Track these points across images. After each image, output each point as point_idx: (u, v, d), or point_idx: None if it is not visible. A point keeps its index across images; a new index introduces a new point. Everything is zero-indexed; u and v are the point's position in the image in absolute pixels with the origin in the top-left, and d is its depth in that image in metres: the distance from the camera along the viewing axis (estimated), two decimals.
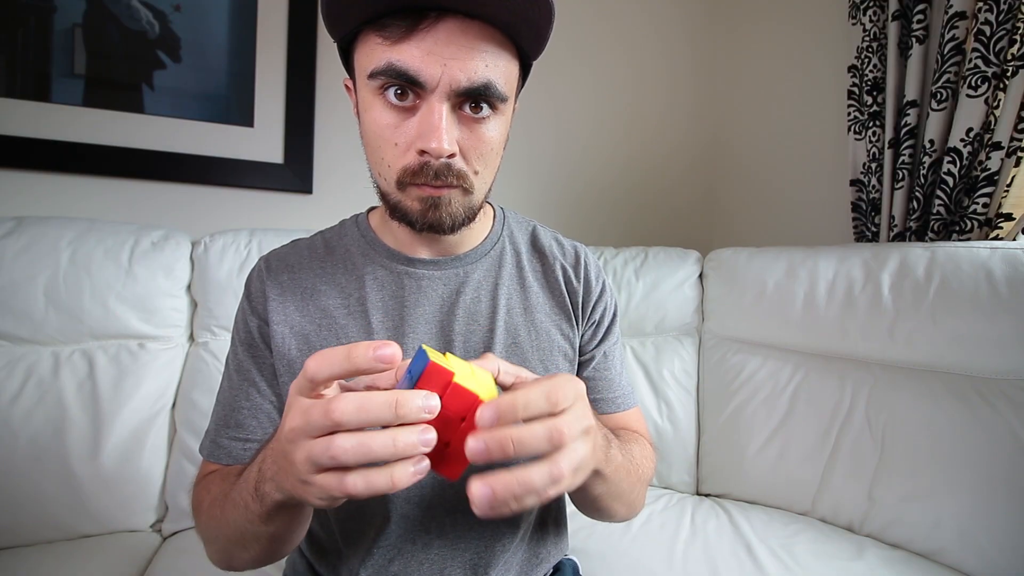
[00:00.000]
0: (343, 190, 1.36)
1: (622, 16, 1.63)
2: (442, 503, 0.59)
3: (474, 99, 0.49)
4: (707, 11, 1.73)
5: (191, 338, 1.10)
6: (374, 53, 0.48)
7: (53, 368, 0.97)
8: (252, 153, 1.28)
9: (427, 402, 0.33)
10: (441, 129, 0.47)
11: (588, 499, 0.54)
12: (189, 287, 1.09)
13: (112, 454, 0.95)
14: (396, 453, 0.33)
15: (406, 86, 0.47)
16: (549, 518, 0.70)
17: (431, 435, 0.34)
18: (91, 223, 1.04)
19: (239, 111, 1.27)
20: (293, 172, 1.31)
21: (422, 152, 0.48)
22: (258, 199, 1.31)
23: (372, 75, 0.48)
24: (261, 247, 1.11)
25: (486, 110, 0.50)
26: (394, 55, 0.46)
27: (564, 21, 1.57)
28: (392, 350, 0.33)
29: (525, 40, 0.51)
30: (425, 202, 0.51)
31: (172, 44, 1.21)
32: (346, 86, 0.57)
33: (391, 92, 0.48)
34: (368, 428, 0.34)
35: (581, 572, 0.77)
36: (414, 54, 0.46)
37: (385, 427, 0.34)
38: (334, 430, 0.33)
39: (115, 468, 0.95)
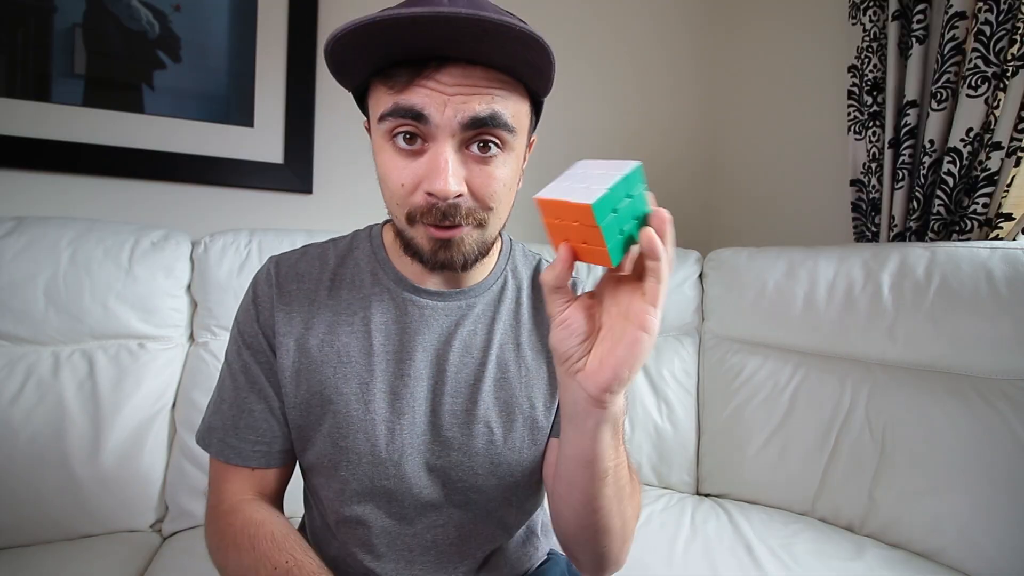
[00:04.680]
0: (343, 190, 1.36)
1: (622, 16, 1.63)
2: (449, 503, 0.60)
3: (481, 134, 0.49)
4: (707, 11, 1.73)
5: (191, 338, 1.10)
6: (381, 100, 0.50)
7: (53, 368, 0.97)
8: (252, 153, 1.28)
9: None
10: (447, 171, 0.48)
11: (595, 469, 0.49)
12: (189, 287, 1.09)
13: (112, 454, 0.95)
14: None
15: (413, 125, 0.48)
16: (536, 527, 0.72)
17: None
18: (91, 223, 1.04)
19: (239, 111, 1.27)
20: (293, 172, 1.31)
21: (429, 193, 0.49)
22: (258, 199, 1.31)
23: (381, 118, 0.49)
24: (261, 247, 1.11)
25: (494, 149, 0.50)
26: (400, 98, 0.48)
27: (564, 21, 1.57)
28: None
29: (529, 80, 0.52)
30: (435, 242, 0.51)
31: (172, 44, 1.21)
32: (365, 127, 0.58)
33: (399, 137, 0.49)
34: None
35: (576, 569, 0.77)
36: (419, 94, 0.47)
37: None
38: None
39: (115, 468, 0.95)
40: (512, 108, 0.50)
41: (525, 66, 0.50)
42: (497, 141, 0.50)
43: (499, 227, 0.55)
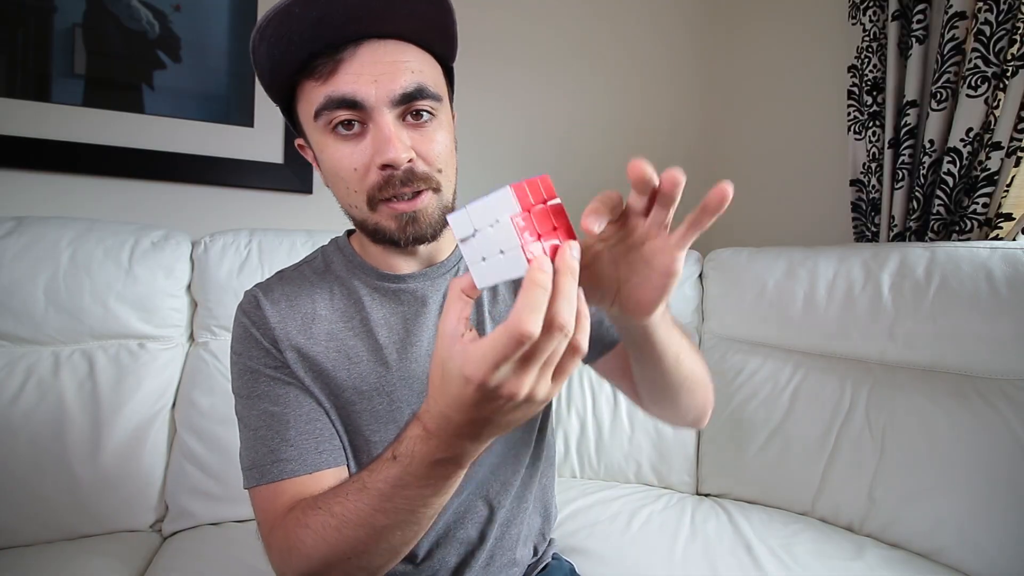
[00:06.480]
0: None
1: (622, 16, 1.63)
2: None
3: (412, 104, 0.52)
4: (707, 11, 1.73)
5: (191, 338, 1.10)
6: (312, 96, 0.52)
7: (53, 368, 0.97)
8: (252, 153, 1.28)
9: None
10: (393, 138, 0.50)
11: (657, 348, 0.52)
12: (189, 287, 1.09)
13: (112, 454, 0.95)
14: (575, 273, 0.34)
15: (349, 112, 0.51)
16: (540, 488, 0.73)
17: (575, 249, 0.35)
18: (91, 223, 1.04)
19: (239, 111, 1.27)
20: (293, 172, 1.31)
21: (383, 167, 0.51)
22: (258, 199, 1.31)
23: (317, 115, 0.52)
24: (261, 247, 1.11)
25: (426, 116, 0.53)
26: (328, 88, 0.51)
27: (565, 20, 1.57)
28: (548, 264, 0.33)
29: (437, 45, 0.55)
30: (401, 219, 0.54)
31: (172, 44, 1.21)
32: (299, 146, 0.61)
33: (339, 125, 0.52)
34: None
35: (579, 572, 0.77)
36: (346, 80, 0.50)
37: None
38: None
39: (115, 468, 0.95)
40: (431, 78, 0.54)
41: (432, 30, 0.53)
42: (428, 109, 0.53)
43: (452, 190, 0.58)
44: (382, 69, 0.50)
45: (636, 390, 0.65)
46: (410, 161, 0.52)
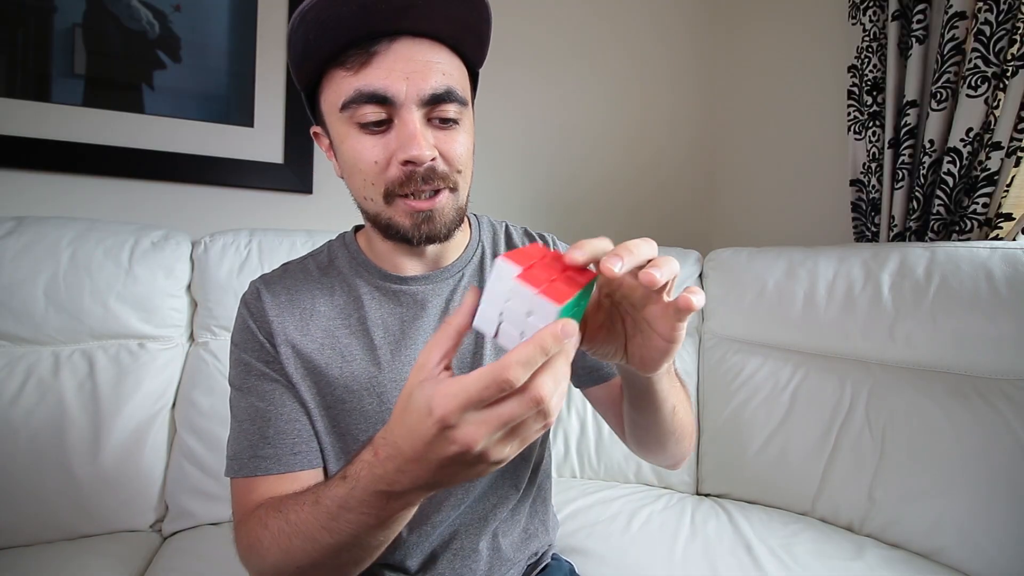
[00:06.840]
0: (343, 190, 1.33)
1: (622, 15, 1.63)
2: None
3: (440, 108, 0.52)
4: (707, 11, 1.73)
5: (191, 338, 1.10)
6: (341, 86, 0.52)
7: (53, 368, 0.97)
8: (252, 153, 1.28)
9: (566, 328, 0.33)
10: (419, 136, 0.50)
11: (654, 393, 0.53)
12: (189, 287, 1.09)
13: (112, 454, 0.95)
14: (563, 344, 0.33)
15: (378, 107, 0.51)
16: (540, 500, 0.73)
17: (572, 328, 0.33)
18: (91, 223, 1.04)
19: (239, 111, 1.27)
20: (293, 172, 1.31)
21: (406, 163, 0.51)
22: (258, 199, 1.31)
23: (344, 106, 0.52)
24: (261, 247, 1.11)
25: (452, 120, 0.53)
26: (359, 81, 0.50)
27: (565, 20, 1.57)
28: (573, 327, 0.33)
29: (469, 48, 0.56)
30: (416, 217, 0.54)
31: (172, 44, 1.21)
32: (314, 133, 0.61)
33: (365, 117, 0.51)
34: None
35: (579, 572, 0.77)
36: (377, 75, 0.50)
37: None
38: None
39: (115, 468, 0.95)
40: (459, 82, 0.54)
41: (467, 32, 0.54)
42: (454, 112, 0.53)
43: (467, 192, 0.58)
44: (414, 67, 0.51)
45: (622, 426, 0.65)
46: (432, 160, 0.52)
